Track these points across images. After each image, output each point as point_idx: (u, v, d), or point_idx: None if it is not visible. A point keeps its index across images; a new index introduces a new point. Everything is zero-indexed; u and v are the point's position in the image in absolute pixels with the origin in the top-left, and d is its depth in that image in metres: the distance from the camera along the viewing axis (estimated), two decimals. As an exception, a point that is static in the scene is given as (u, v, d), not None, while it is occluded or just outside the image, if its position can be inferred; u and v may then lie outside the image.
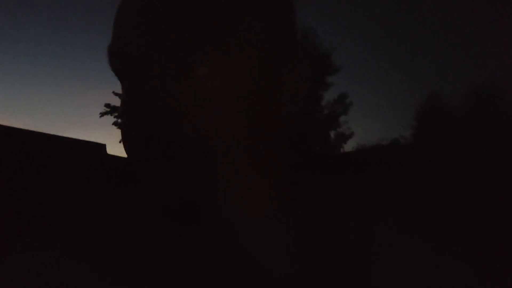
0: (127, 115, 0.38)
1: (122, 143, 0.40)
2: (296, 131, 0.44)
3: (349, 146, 14.46)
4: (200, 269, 0.40)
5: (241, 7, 0.38)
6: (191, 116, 0.37)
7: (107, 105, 9.29)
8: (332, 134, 11.06)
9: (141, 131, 0.36)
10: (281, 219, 0.42)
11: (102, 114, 9.28)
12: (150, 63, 0.37)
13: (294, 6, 0.44)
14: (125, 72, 0.39)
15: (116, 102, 9.41)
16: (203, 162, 0.37)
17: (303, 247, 0.41)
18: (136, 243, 0.42)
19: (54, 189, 6.49)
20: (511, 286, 0.41)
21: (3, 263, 0.44)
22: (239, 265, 0.40)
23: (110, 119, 9.26)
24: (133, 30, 0.37)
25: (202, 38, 0.36)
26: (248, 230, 0.41)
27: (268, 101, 0.40)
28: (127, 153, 0.40)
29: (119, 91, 0.42)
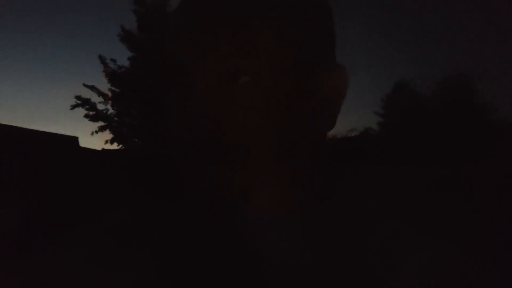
0: (175, 117, 0.41)
1: (167, 143, 0.43)
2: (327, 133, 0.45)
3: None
4: (227, 262, 0.41)
5: (283, 19, 0.40)
6: (231, 120, 0.38)
7: (77, 97, 9.10)
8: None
9: (186, 133, 0.39)
10: (309, 217, 0.43)
11: (73, 107, 9.10)
12: (197, 70, 0.39)
13: (331, 13, 0.45)
14: (174, 76, 0.41)
15: (87, 94, 9.26)
16: (241, 162, 0.39)
17: (326, 247, 0.42)
18: (176, 238, 0.43)
19: (26, 184, 6.37)
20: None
21: (37, 262, 0.43)
22: (266, 260, 0.41)
23: (81, 111, 9.09)
24: (182, 40, 0.40)
25: (245, 48, 0.38)
26: (278, 228, 0.42)
27: (304, 107, 0.41)
28: (172, 152, 0.42)
29: (89, 83, 0.46)
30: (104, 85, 9.47)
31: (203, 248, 0.42)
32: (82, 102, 9.05)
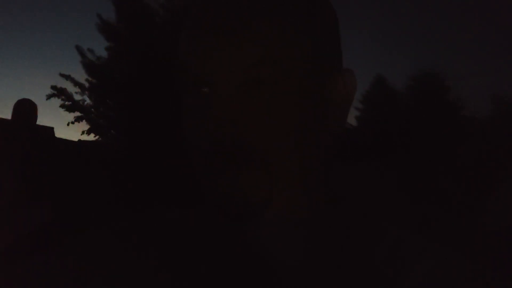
0: (195, 124, 0.41)
1: (186, 148, 0.43)
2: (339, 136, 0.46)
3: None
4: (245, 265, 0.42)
5: (297, 26, 0.41)
6: (250, 125, 0.39)
7: (53, 87, 8.90)
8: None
9: (208, 139, 0.39)
10: (320, 220, 0.44)
11: (48, 96, 8.90)
12: (217, 78, 0.39)
13: (337, 18, 0.46)
14: (194, 83, 0.41)
15: (63, 84, 9.05)
16: (259, 167, 0.39)
17: (333, 252, 0.42)
18: (195, 243, 0.44)
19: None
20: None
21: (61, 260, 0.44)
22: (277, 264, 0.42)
23: (57, 101, 8.90)
24: (201, 48, 0.40)
25: (265, 57, 0.39)
26: (293, 231, 0.43)
27: (318, 111, 0.42)
28: (191, 157, 0.42)
29: (66, 72, 0.45)
30: (82, 75, 9.29)
31: (214, 252, 0.43)
32: (58, 92, 8.87)
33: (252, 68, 0.39)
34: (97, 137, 9.19)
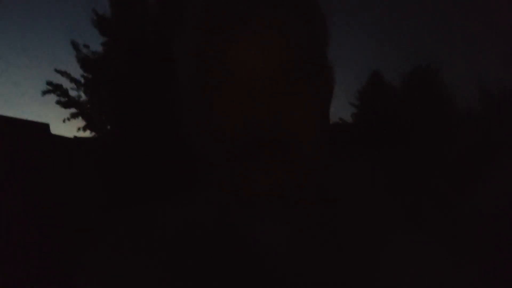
0: (216, 117, 0.41)
1: (200, 142, 0.43)
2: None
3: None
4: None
5: (309, 29, 0.43)
6: (274, 119, 0.39)
7: (49, 83, 8.85)
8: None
9: (232, 132, 0.40)
10: (315, 212, 0.45)
11: (44, 93, 8.84)
12: (247, 74, 0.40)
13: (329, 22, 0.48)
14: (212, 82, 0.41)
15: (58, 79, 8.99)
16: (285, 156, 0.40)
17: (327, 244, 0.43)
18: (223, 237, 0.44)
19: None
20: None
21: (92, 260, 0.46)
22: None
23: (53, 97, 8.84)
24: (229, 45, 0.40)
25: (288, 55, 0.40)
26: (293, 232, 0.43)
27: (321, 108, 0.44)
28: (208, 151, 0.42)
29: (62, 68, 0.44)
30: (78, 71, 9.25)
31: (213, 252, 0.43)
32: (54, 88, 8.81)
33: (279, 65, 0.40)
34: (93, 133, 9.16)
